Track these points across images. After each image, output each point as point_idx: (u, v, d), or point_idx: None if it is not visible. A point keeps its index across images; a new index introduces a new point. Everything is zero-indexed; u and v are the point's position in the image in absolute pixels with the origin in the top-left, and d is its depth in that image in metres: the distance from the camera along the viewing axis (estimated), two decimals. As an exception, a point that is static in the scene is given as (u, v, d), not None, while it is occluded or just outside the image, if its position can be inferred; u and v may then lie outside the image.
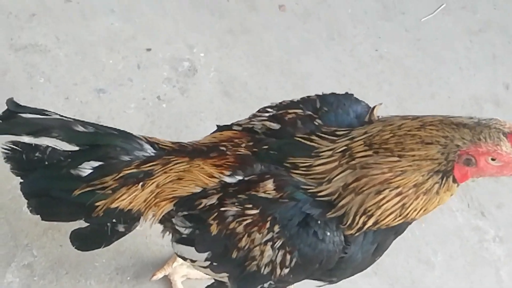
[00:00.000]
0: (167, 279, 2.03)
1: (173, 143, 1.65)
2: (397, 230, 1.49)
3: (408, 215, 1.40)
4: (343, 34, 2.67)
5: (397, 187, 1.37)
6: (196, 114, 2.33)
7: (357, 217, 1.42)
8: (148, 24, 2.49)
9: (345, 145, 1.43)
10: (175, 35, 2.49)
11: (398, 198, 1.38)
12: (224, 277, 1.61)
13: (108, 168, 1.59)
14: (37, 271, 1.99)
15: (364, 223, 1.42)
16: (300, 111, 1.57)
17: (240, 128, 1.62)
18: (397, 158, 1.37)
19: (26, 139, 1.62)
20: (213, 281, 1.77)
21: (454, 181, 1.37)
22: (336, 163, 1.43)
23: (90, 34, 2.41)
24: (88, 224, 1.67)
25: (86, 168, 1.59)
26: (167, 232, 1.71)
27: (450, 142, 1.34)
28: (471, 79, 2.69)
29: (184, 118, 2.29)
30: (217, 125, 1.68)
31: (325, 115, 1.54)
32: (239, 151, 1.55)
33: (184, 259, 1.67)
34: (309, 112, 1.56)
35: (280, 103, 1.63)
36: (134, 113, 2.28)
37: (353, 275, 1.59)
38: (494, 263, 2.31)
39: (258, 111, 1.64)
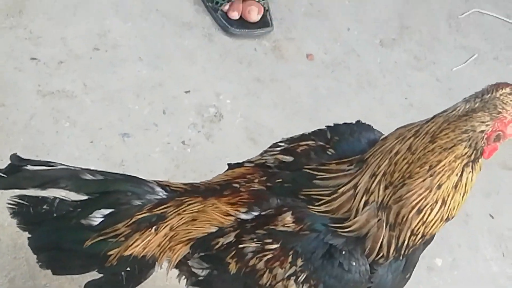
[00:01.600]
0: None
1: (184, 184, 1.66)
2: (426, 240, 1.48)
3: (449, 215, 1.42)
4: (373, 83, 2.71)
5: (435, 201, 1.39)
6: (221, 159, 2.34)
7: (405, 243, 1.43)
8: (175, 72, 2.56)
9: (356, 182, 1.45)
10: (202, 82, 2.55)
11: (438, 206, 1.40)
12: None
13: (120, 215, 1.60)
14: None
15: (413, 243, 1.44)
16: (312, 142, 1.59)
17: (252, 164, 1.63)
18: (428, 177, 1.38)
19: (32, 192, 1.62)
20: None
21: (481, 157, 1.40)
22: (352, 201, 1.44)
23: (117, 81, 2.48)
24: (102, 275, 1.67)
25: (97, 217, 1.59)
26: (183, 277, 1.70)
27: (472, 133, 1.35)
28: (505, 128, 2.68)
29: (209, 163, 2.32)
30: (228, 164, 1.69)
31: (337, 144, 1.56)
32: (253, 187, 1.56)
33: None
34: (321, 143, 1.58)
35: (291, 137, 1.65)
36: (158, 157, 2.32)
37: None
38: (533, 314, 2.25)
39: (270, 146, 1.66)
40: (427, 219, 1.40)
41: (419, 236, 1.42)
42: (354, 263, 1.43)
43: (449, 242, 2.35)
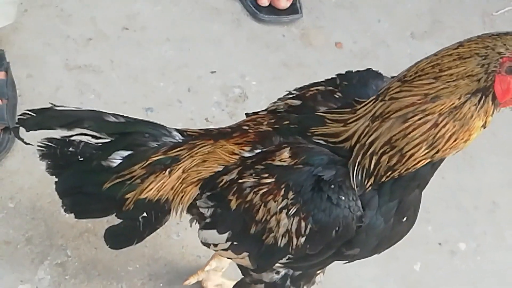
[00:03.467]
0: (200, 286, 2.07)
1: (200, 129, 1.74)
2: (419, 182, 1.48)
3: (435, 148, 1.37)
4: (402, 73, 2.75)
5: (428, 114, 1.35)
6: (244, 137, 2.41)
7: (380, 156, 1.41)
8: (202, 54, 2.63)
9: (372, 100, 1.45)
10: (229, 64, 2.62)
11: (427, 126, 1.36)
12: (245, 257, 1.64)
13: (137, 157, 1.67)
14: (69, 271, 2.06)
15: (388, 164, 1.41)
16: (322, 87, 1.64)
17: (265, 111, 1.70)
18: (431, 80, 1.35)
19: (59, 134, 1.72)
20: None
21: (494, 99, 1.34)
22: (362, 117, 1.46)
23: (143, 59, 2.56)
24: (121, 220, 1.75)
25: (116, 159, 1.68)
26: (195, 221, 1.76)
27: (491, 51, 1.31)
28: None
29: (231, 140, 2.37)
30: (246, 113, 1.76)
31: (345, 88, 1.60)
32: (260, 129, 1.62)
33: (208, 245, 1.71)
34: (330, 88, 1.62)
35: (304, 85, 1.69)
36: (181, 132, 2.38)
37: (383, 245, 1.58)
38: (558, 303, 2.24)
39: (284, 95, 1.71)
40: (409, 133, 1.37)
41: (395, 158, 1.40)
42: (343, 197, 1.45)
43: (474, 228, 2.36)
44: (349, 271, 2.16)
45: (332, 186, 1.46)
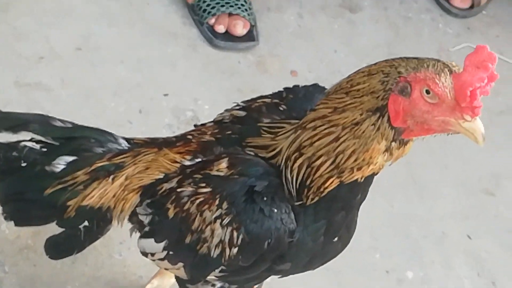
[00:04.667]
0: (141, 307, 2.04)
1: (146, 138, 1.75)
2: (344, 205, 1.49)
3: (339, 166, 1.39)
4: (356, 103, 2.77)
5: (332, 125, 1.38)
6: (194, 160, 2.41)
7: (291, 155, 1.44)
8: (155, 76, 2.63)
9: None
10: (182, 88, 2.63)
11: (331, 137, 1.39)
12: (180, 267, 1.63)
13: (81, 162, 1.67)
14: (6, 287, 2.02)
15: (301, 177, 1.44)
16: (268, 100, 1.66)
17: (211, 123, 1.71)
18: (343, 95, 1.39)
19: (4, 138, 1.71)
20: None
21: (388, 121, 1.35)
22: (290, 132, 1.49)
23: (95, 79, 2.56)
24: (62, 229, 1.73)
25: (60, 164, 1.68)
26: (135, 230, 1.74)
27: (394, 69, 1.34)
28: (489, 154, 2.72)
29: (181, 162, 2.37)
30: (194, 124, 1.77)
31: (291, 102, 1.63)
32: (204, 138, 1.64)
33: (146, 255, 1.70)
34: (276, 100, 1.64)
35: (252, 98, 1.71)
36: (129, 152, 2.37)
37: (315, 262, 1.59)
38: (504, 334, 2.24)
39: (231, 107, 1.73)
40: (315, 142, 1.40)
41: (302, 159, 1.42)
42: (275, 210, 1.45)
43: (423, 257, 2.36)
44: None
45: (265, 198, 1.46)
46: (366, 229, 2.38)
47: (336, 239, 1.55)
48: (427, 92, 1.33)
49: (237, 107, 1.69)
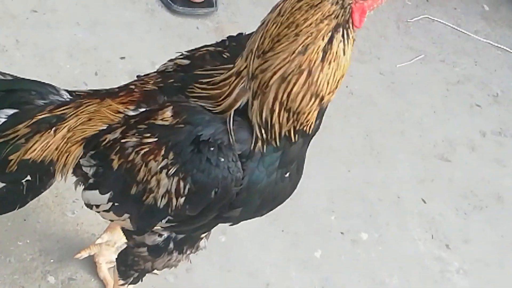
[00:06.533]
0: (93, 263, 2.03)
1: (89, 90, 1.71)
2: (302, 131, 1.47)
3: (319, 92, 1.40)
4: (314, 70, 2.78)
5: (300, 66, 1.38)
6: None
7: (273, 118, 1.42)
8: (112, 39, 2.62)
9: (238, 67, 1.46)
10: (139, 51, 2.61)
11: (304, 76, 1.38)
12: (126, 219, 1.61)
13: (22, 115, 1.63)
14: (-45, 243, 2.00)
15: (283, 123, 1.43)
16: (212, 48, 1.64)
17: (155, 73, 1.68)
18: (294, 38, 1.37)
19: None
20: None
21: (352, 27, 1.38)
22: (233, 83, 1.46)
23: (51, 40, 2.54)
24: (4, 184, 1.69)
25: (1, 117, 1.64)
26: (80, 183, 1.72)
27: None
28: (446, 122, 2.76)
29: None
30: (137, 75, 1.73)
31: (234, 49, 1.60)
32: (146, 88, 1.61)
33: (91, 207, 1.68)
34: (219, 48, 1.63)
35: (196, 48, 1.69)
36: (84, 113, 2.35)
37: (266, 204, 1.57)
38: (456, 294, 2.27)
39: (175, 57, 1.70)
40: (291, 89, 1.39)
41: (289, 113, 1.42)
42: (222, 159, 1.44)
43: (377, 219, 2.38)
44: (248, 254, 2.16)
45: (212, 148, 1.45)
46: (322, 192, 2.41)
47: (287, 174, 1.54)
48: None
49: (181, 56, 1.67)
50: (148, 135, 1.51)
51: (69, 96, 1.66)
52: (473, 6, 3.26)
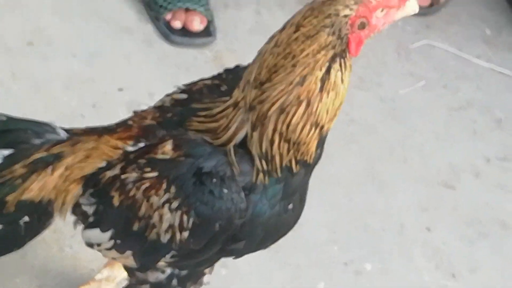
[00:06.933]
0: (92, 300, 2.01)
1: (86, 127, 1.72)
2: (303, 161, 1.48)
3: (319, 121, 1.41)
4: (314, 98, 2.78)
5: (299, 97, 1.39)
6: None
7: (273, 150, 1.43)
8: (109, 70, 2.62)
9: (235, 98, 1.48)
10: (137, 82, 2.62)
11: (303, 106, 1.39)
12: (129, 256, 1.61)
13: (18, 155, 1.64)
14: (-49, 280, 1.99)
15: (283, 153, 1.43)
16: (208, 81, 1.65)
17: (152, 108, 1.69)
18: (291, 69, 1.39)
19: None
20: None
21: (349, 56, 1.41)
22: (231, 114, 1.48)
23: (47, 73, 2.54)
24: (1, 226, 1.69)
25: None
26: (79, 222, 1.71)
27: (336, 17, 1.37)
28: (449, 148, 2.75)
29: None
30: (133, 111, 1.74)
31: (231, 81, 1.60)
32: (144, 123, 1.62)
33: (92, 246, 1.68)
34: (216, 81, 1.64)
35: (192, 81, 1.71)
36: (82, 146, 2.35)
37: (270, 237, 1.58)
38: (464, 326, 2.25)
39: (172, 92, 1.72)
40: (291, 120, 1.40)
41: (289, 144, 1.42)
42: (225, 190, 1.44)
43: (381, 249, 2.37)
44: (249, 287, 2.14)
45: (214, 179, 1.45)
46: (324, 222, 2.40)
47: (290, 206, 1.54)
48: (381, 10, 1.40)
49: (178, 91, 1.68)
50: (149, 169, 1.51)
51: (66, 134, 1.66)
52: (474, 31, 3.26)
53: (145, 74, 2.66)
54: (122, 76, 2.61)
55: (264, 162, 1.45)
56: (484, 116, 2.92)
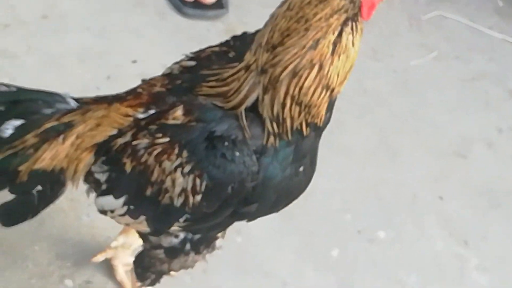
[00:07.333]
0: (110, 266, 2.06)
1: (96, 96, 1.73)
2: (314, 124, 1.50)
3: (330, 84, 1.43)
4: (326, 70, 2.81)
5: (312, 60, 1.41)
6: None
7: (285, 112, 1.45)
8: (122, 43, 2.66)
9: (247, 61, 1.49)
10: (150, 55, 2.65)
11: (315, 70, 1.41)
12: (142, 221, 1.64)
13: (30, 125, 1.66)
14: (-28, 249, 2.04)
15: (294, 117, 1.46)
16: (216, 48, 1.67)
17: (160, 76, 1.71)
18: (303, 32, 1.40)
19: None
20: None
21: (360, 20, 1.42)
22: (242, 77, 1.49)
23: (61, 46, 2.59)
24: (14, 195, 1.72)
25: (8, 128, 1.66)
26: (92, 190, 1.74)
27: None
28: (461, 120, 2.78)
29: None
30: (142, 79, 1.76)
31: (239, 48, 1.62)
32: (154, 90, 1.64)
33: (105, 213, 1.70)
34: (224, 48, 1.65)
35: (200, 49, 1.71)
36: (97, 117, 2.39)
37: (282, 200, 1.59)
38: (476, 291, 2.30)
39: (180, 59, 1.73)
40: (303, 83, 1.42)
41: (301, 107, 1.45)
42: (237, 153, 1.47)
43: (394, 218, 2.41)
44: (264, 255, 2.19)
45: (226, 142, 1.47)
46: (337, 191, 2.44)
47: (301, 168, 1.56)
48: None
49: (186, 58, 1.69)
50: (160, 135, 1.53)
51: (76, 104, 1.69)
52: (487, 2, 3.28)
53: (158, 47, 2.69)
54: (135, 49, 2.65)
55: (275, 125, 1.48)
56: (496, 87, 2.95)
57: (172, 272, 1.83)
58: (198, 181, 1.50)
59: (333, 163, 2.46)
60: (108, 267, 2.07)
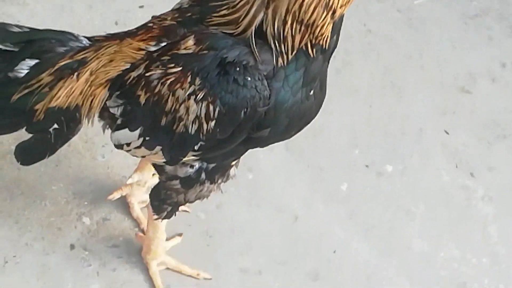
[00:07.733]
0: (126, 204, 2.13)
1: (108, 34, 1.78)
2: (322, 50, 1.55)
3: (332, 8, 1.47)
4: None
5: None
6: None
7: (287, 31, 1.49)
8: (129, -11, 2.70)
9: None
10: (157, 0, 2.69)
11: None
12: (158, 152, 1.69)
13: (44, 64, 1.71)
14: (-9, 189, 2.12)
15: (296, 33, 1.50)
16: None
17: (170, 11, 1.75)
18: None
19: None
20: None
21: None
22: (251, 1, 1.53)
23: (70, -8, 2.63)
24: (31, 134, 1.78)
25: (23, 69, 1.72)
26: (107, 126, 1.80)
27: None
28: (465, 55, 2.82)
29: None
30: (152, 16, 1.79)
31: None
32: (165, 24, 1.68)
33: (121, 147, 1.75)
34: None
35: None
36: (107, 61, 2.45)
37: (294, 124, 1.63)
38: (482, 220, 2.36)
39: None
40: (303, 0, 1.46)
41: (301, 25, 1.48)
42: (249, 78, 1.52)
43: (401, 152, 2.47)
44: (276, 190, 2.26)
45: (238, 68, 1.52)
46: (345, 128, 2.50)
47: (312, 92, 1.61)
48: None
49: None
50: (173, 65, 1.59)
51: (88, 42, 1.74)
52: None
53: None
54: (143, -5, 2.69)
55: (277, 43, 1.51)
56: (499, 23, 2.98)
57: (186, 207, 1.88)
58: (211, 107, 1.55)
59: (341, 102, 2.51)
60: (124, 204, 2.14)
